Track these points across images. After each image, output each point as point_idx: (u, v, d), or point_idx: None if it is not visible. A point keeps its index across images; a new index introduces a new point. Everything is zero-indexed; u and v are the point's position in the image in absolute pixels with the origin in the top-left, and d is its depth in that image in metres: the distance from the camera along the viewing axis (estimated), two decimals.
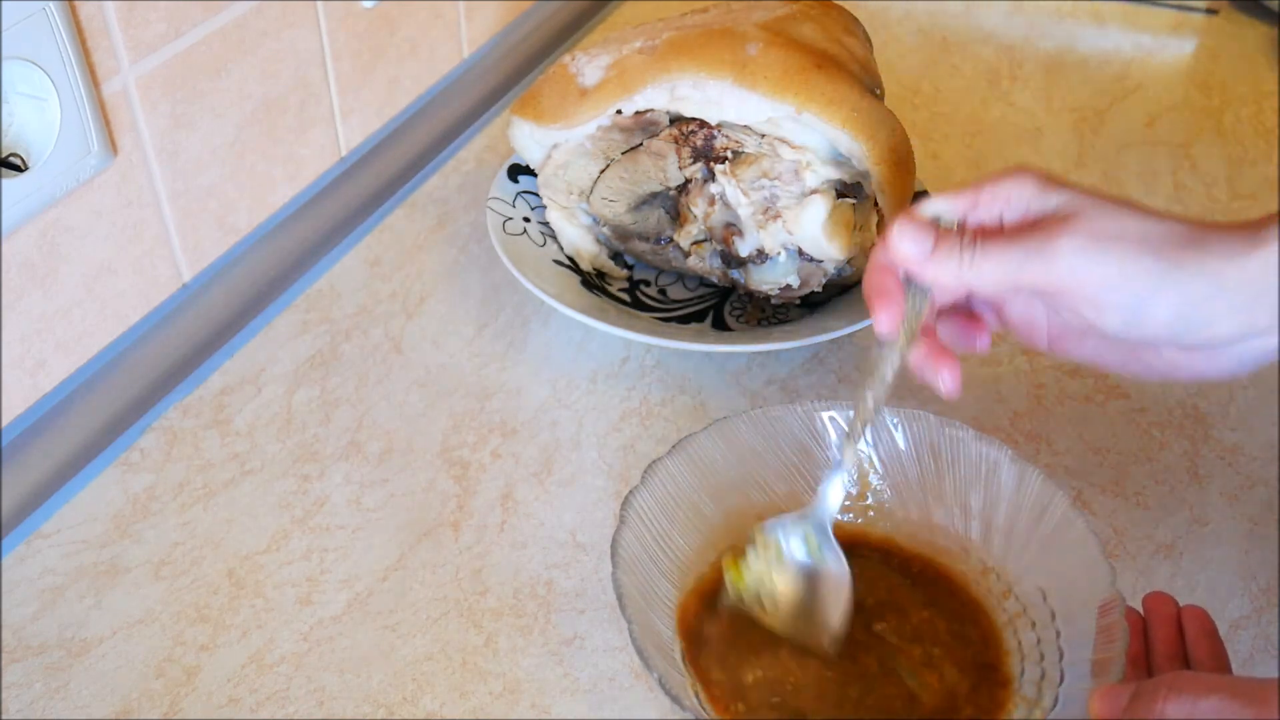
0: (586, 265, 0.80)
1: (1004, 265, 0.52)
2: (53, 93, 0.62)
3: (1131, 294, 0.50)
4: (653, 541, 0.59)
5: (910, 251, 0.54)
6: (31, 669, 0.59)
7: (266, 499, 0.68)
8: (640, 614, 0.55)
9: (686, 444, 0.61)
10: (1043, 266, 0.51)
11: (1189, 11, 1.12)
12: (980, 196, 0.54)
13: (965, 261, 0.53)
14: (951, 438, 0.62)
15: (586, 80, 0.75)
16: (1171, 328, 0.51)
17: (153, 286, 0.74)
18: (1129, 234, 0.50)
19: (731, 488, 0.62)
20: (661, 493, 0.60)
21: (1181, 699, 0.45)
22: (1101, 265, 0.50)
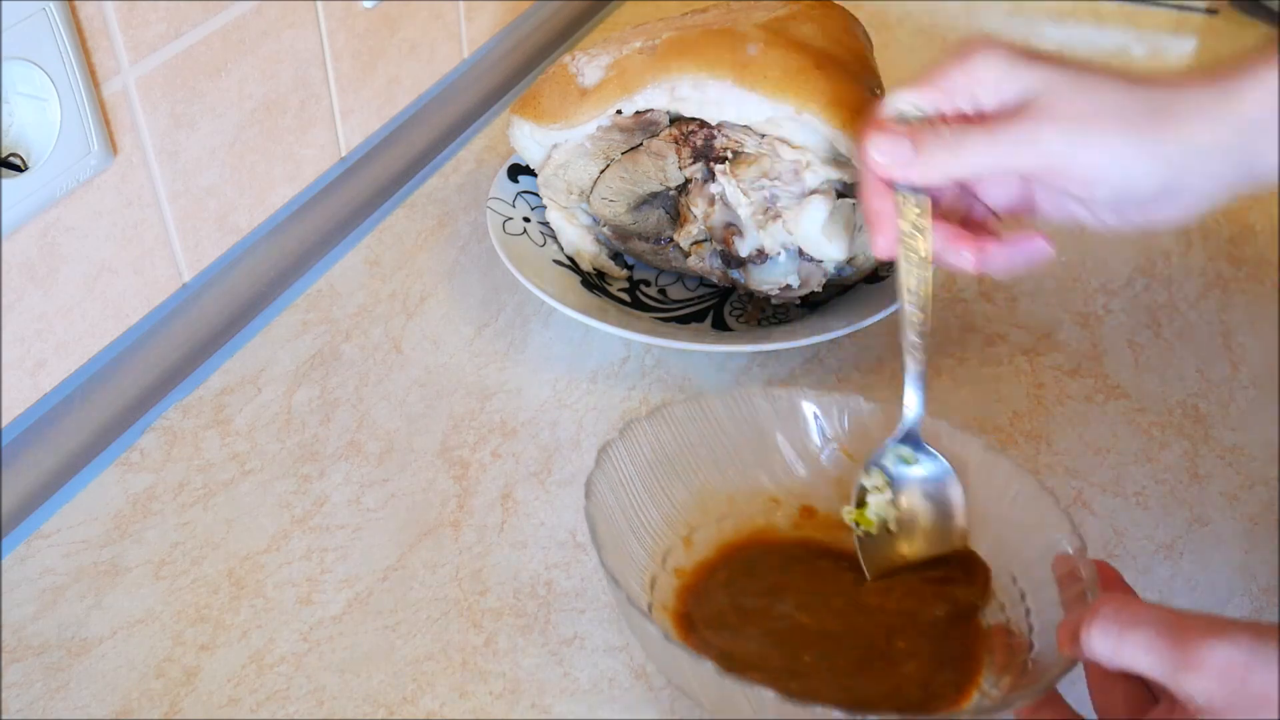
0: (586, 265, 0.80)
1: (990, 157, 0.54)
2: (53, 93, 0.62)
3: (1118, 171, 0.53)
4: (627, 498, 0.59)
5: (890, 160, 0.55)
6: (31, 669, 0.59)
7: (266, 499, 0.68)
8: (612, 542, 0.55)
9: (664, 411, 0.62)
10: (1032, 151, 0.53)
11: (1189, 11, 1.12)
12: (948, 83, 0.55)
13: (950, 158, 0.54)
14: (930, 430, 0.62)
15: (586, 80, 0.75)
16: (1155, 196, 0.53)
17: (153, 286, 0.74)
18: (1107, 110, 0.52)
19: (702, 465, 0.63)
20: (638, 454, 0.61)
21: (1107, 631, 0.46)
22: (1086, 148, 0.52)
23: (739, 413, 0.64)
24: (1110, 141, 0.52)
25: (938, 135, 0.54)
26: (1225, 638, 0.43)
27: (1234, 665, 0.42)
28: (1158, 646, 0.44)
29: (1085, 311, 0.80)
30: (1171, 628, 0.44)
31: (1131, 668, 0.45)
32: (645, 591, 0.58)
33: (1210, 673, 0.42)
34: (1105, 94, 0.53)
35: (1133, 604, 0.46)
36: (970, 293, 0.81)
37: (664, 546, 0.60)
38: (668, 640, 0.50)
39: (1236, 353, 0.77)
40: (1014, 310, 0.80)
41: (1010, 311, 0.80)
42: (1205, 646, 0.43)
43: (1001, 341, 0.77)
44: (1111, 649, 0.46)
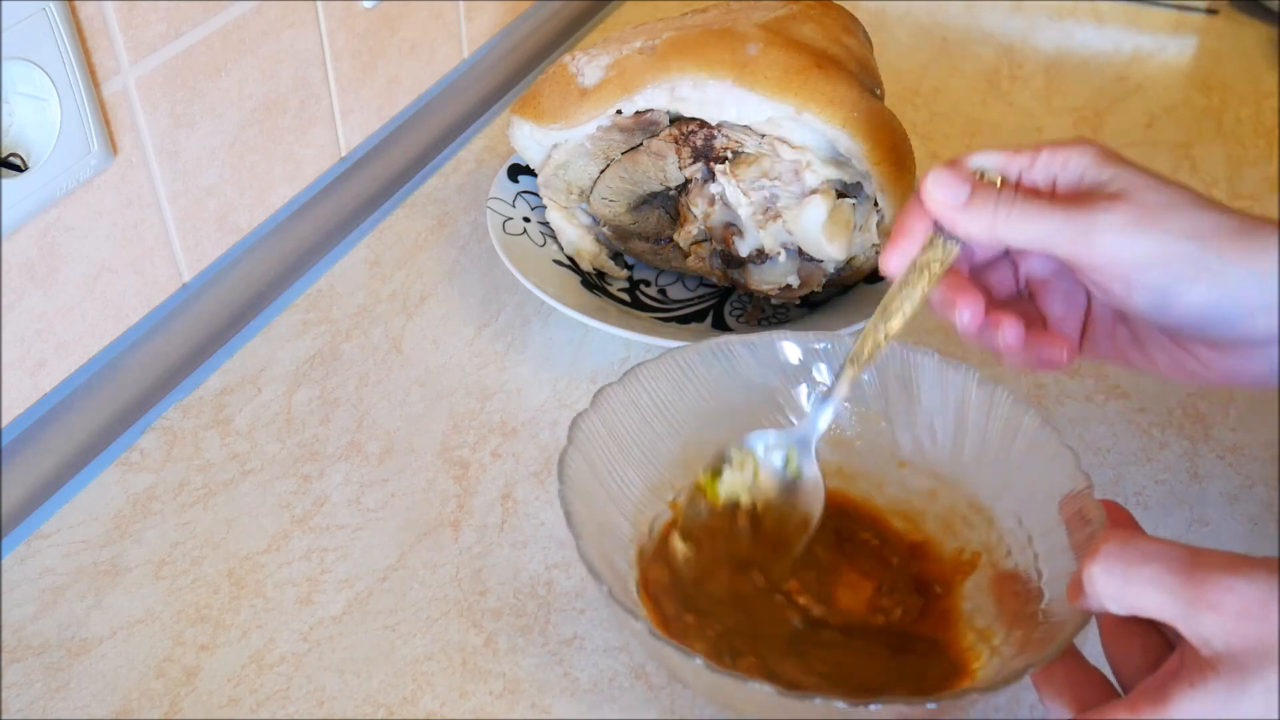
0: (586, 265, 0.80)
1: (1041, 226, 0.50)
2: (53, 93, 0.62)
3: (1164, 275, 0.49)
4: (605, 470, 0.58)
5: (942, 198, 0.52)
6: (31, 669, 0.59)
7: (266, 499, 0.68)
8: (590, 531, 0.54)
9: (637, 372, 0.61)
10: (1080, 236, 0.50)
11: (1189, 11, 1.12)
12: (1039, 158, 0.53)
13: (1000, 216, 0.51)
14: (916, 364, 0.61)
15: (586, 80, 0.75)
16: (1201, 317, 0.49)
17: (153, 286, 0.74)
18: (1176, 219, 0.49)
19: (685, 421, 0.62)
20: (612, 421, 0.59)
21: (1111, 570, 0.43)
22: (1139, 244, 0.49)
23: (718, 364, 0.62)
24: (1168, 244, 0.49)
25: (995, 194, 0.52)
26: (1243, 575, 0.40)
27: (1254, 604, 0.39)
28: (1169, 584, 0.41)
29: None
30: (1184, 564, 0.41)
31: (1140, 608, 0.42)
32: (633, 567, 0.57)
33: (1228, 613, 0.40)
34: (1182, 207, 0.49)
35: (1139, 539, 0.44)
36: None
37: (650, 515, 0.60)
38: (655, 636, 0.49)
39: None
40: None
41: None
42: (1222, 585, 0.40)
43: None
44: (1117, 588, 0.43)
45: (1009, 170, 0.53)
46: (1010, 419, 0.58)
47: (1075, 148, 0.52)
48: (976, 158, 0.54)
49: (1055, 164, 0.52)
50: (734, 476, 0.59)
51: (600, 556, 0.53)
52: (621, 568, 0.56)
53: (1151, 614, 0.42)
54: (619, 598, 0.50)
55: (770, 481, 0.59)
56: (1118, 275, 0.50)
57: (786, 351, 0.63)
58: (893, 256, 0.54)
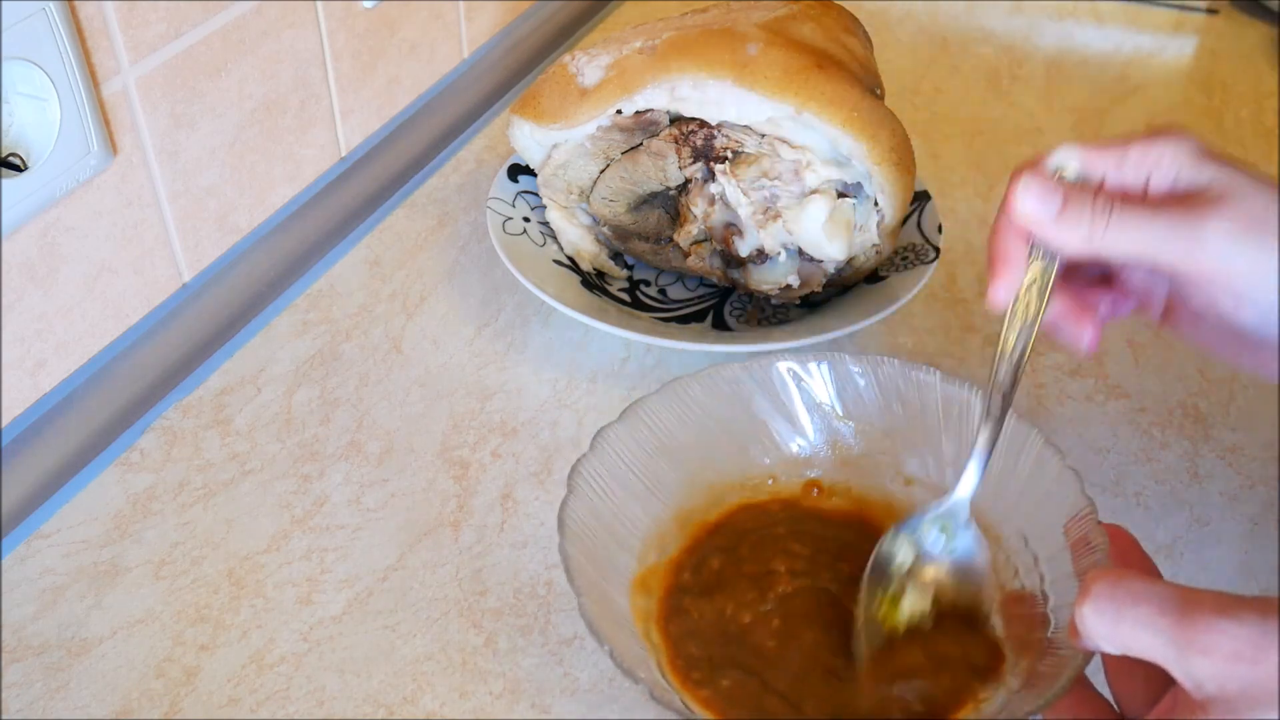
0: (586, 265, 0.80)
1: (1143, 237, 0.47)
2: (53, 93, 0.62)
3: (1276, 291, 0.46)
4: (607, 512, 0.57)
5: (1034, 211, 0.49)
6: (31, 669, 0.59)
7: (266, 499, 0.68)
8: (592, 586, 0.53)
9: (637, 408, 0.60)
10: (1187, 246, 0.47)
11: (1189, 11, 1.12)
12: (1128, 155, 0.49)
13: (1098, 227, 0.48)
14: (919, 382, 0.60)
15: (586, 80, 0.75)
16: None
17: (153, 286, 0.74)
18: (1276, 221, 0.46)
19: (689, 451, 0.61)
20: (613, 460, 0.58)
21: (1102, 611, 0.42)
22: (1251, 255, 0.46)
23: (718, 391, 0.61)
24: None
25: (1092, 201, 0.48)
26: (1234, 617, 0.39)
27: (1246, 647, 0.39)
28: (1160, 626, 0.40)
29: None
30: (1175, 606, 0.40)
31: (1132, 650, 0.41)
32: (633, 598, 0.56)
33: (1219, 656, 0.39)
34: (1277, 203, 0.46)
35: (1130, 579, 0.42)
36: (970, 293, 0.81)
37: (656, 545, 0.59)
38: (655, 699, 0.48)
39: None
40: None
41: None
42: (1214, 628, 0.39)
43: (1000, 341, 0.77)
44: (1108, 629, 0.42)
45: (1094, 169, 0.50)
46: (1015, 439, 0.57)
47: (1170, 141, 0.49)
48: (1057, 156, 0.50)
49: (1148, 162, 0.49)
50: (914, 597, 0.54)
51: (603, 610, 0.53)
52: (622, 607, 0.55)
53: (1144, 655, 0.41)
54: (619, 661, 0.49)
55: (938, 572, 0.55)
56: (1227, 287, 0.47)
57: (784, 374, 0.62)
58: (998, 288, 0.51)
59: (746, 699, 0.53)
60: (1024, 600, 0.54)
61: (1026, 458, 0.57)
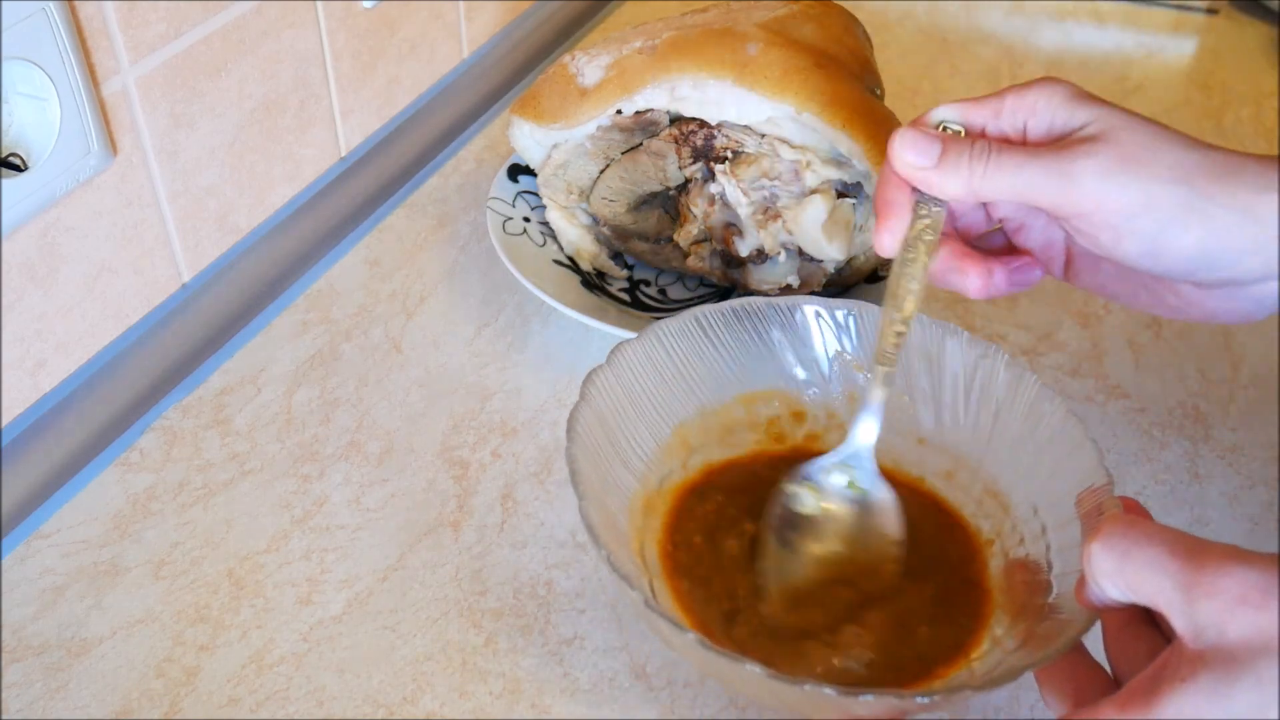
0: (586, 265, 0.80)
1: (1021, 177, 0.49)
2: (53, 93, 0.62)
3: (1154, 222, 0.47)
4: (615, 427, 0.57)
5: (912, 160, 0.51)
6: (31, 669, 0.59)
7: (266, 499, 0.68)
8: (594, 496, 0.53)
9: (656, 329, 0.59)
10: (1062, 184, 0.48)
11: (1189, 11, 1.12)
12: (1004, 105, 0.51)
13: (976, 172, 0.49)
14: (943, 341, 0.59)
15: (586, 80, 0.75)
16: (1192, 262, 0.48)
17: (153, 286, 0.74)
18: (1159, 160, 0.47)
19: (702, 382, 0.61)
20: (627, 377, 0.58)
21: (1112, 548, 0.42)
22: (1125, 191, 0.47)
23: (739, 326, 0.61)
24: (1154, 188, 0.47)
25: (968, 147, 0.50)
26: (1245, 562, 0.39)
27: (1254, 591, 0.38)
28: (1168, 568, 0.40)
29: (1085, 311, 0.80)
30: (1186, 550, 0.40)
31: (1137, 590, 0.41)
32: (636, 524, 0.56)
33: (1226, 598, 0.38)
34: (1164, 147, 0.48)
35: (1143, 523, 0.42)
36: None
37: (660, 473, 0.59)
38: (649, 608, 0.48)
39: (1236, 353, 0.77)
40: (1014, 310, 0.80)
41: (1010, 311, 0.80)
42: (1222, 570, 0.39)
43: (1001, 341, 0.77)
44: (1115, 567, 0.42)
45: (973, 121, 0.52)
46: (1035, 406, 0.57)
47: (1041, 88, 0.51)
48: (938, 111, 0.52)
49: (1023, 109, 0.51)
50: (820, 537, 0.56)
51: (603, 521, 0.52)
52: (624, 528, 0.55)
53: (1148, 598, 0.41)
54: (616, 564, 0.49)
55: (840, 509, 0.56)
56: (1105, 223, 0.48)
57: (809, 317, 0.61)
58: (885, 235, 0.53)
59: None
60: (1027, 567, 0.54)
61: (1046, 426, 0.56)
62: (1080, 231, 0.50)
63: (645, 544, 0.57)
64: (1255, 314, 0.50)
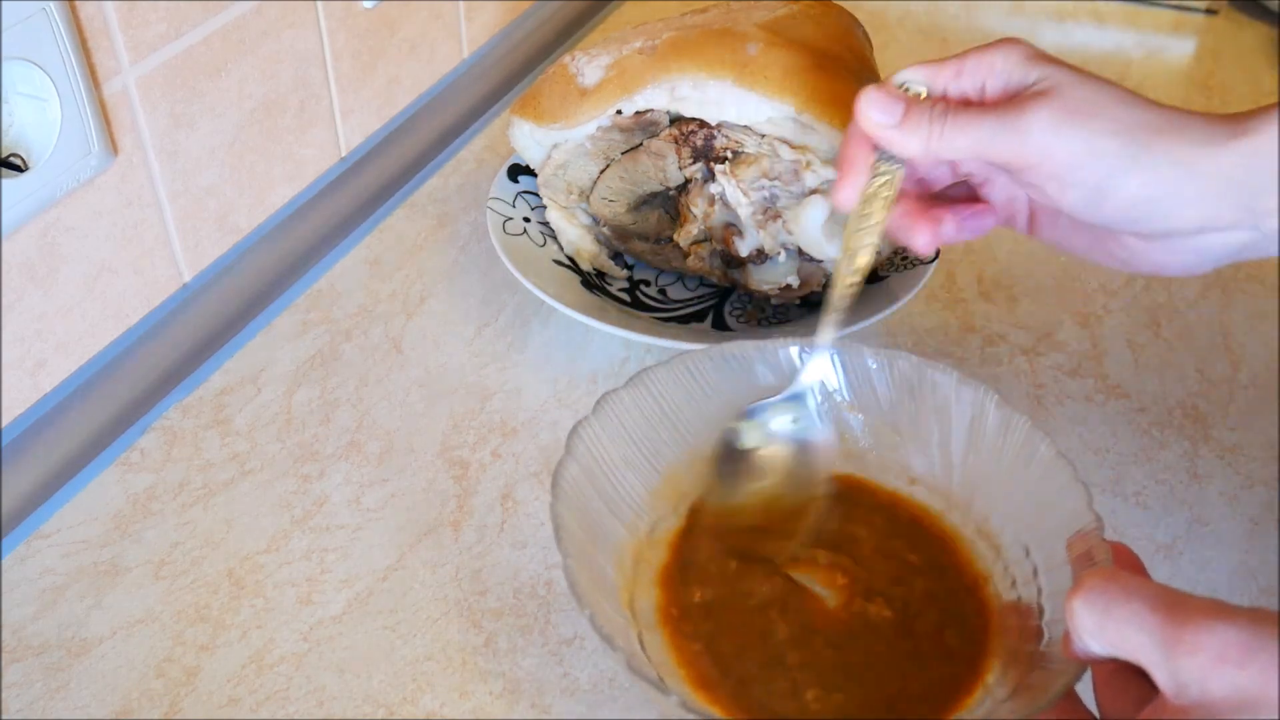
0: (586, 265, 0.81)
1: (974, 135, 0.52)
2: (53, 93, 0.62)
3: (1096, 173, 0.50)
4: (603, 478, 0.57)
5: (877, 119, 0.53)
6: (31, 669, 0.59)
7: (266, 499, 0.68)
8: (580, 551, 0.53)
9: (644, 377, 0.60)
10: (1012, 138, 0.51)
11: (1189, 11, 1.12)
12: (964, 66, 0.54)
13: (935, 132, 0.52)
14: (933, 381, 0.60)
15: (586, 80, 0.75)
16: (1133, 212, 0.50)
17: (153, 286, 0.74)
18: (1104, 113, 0.50)
19: (692, 426, 0.61)
20: (615, 426, 0.58)
21: (1093, 604, 0.42)
22: (1069, 141, 0.50)
23: (729, 369, 0.61)
24: (1097, 139, 0.50)
25: (928, 109, 0.53)
26: (1226, 619, 0.39)
27: (1234, 649, 0.38)
28: (1149, 624, 0.40)
29: (1085, 311, 0.80)
30: (1167, 605, 0.40)
31: (1119, 647, 0.41)
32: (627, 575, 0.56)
33: (1206, 655, 0.38)
34: (1110, 101, 0.50)
35: (1124, 577, 0.42)
36: (970, 293, 0.81)
37: (650, 520, 0.59)
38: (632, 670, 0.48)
39: (1236, 353, 0.77)
40: (1014, 310, 0.80)
41: (1010, 311, 0.80)
42: (1203, 627, 0.39)
43: (1001, 341, 0.77)
44: (1096, 623, 0.41)
45: (936, 83, 0.54)
46: (1025, 446, 0.57)
47: (1000, 49, 0.53)
48: (902, 74, 0.54)
49: (982, 70, 0.53)
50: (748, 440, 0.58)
51: (590, 576, 0.52)
52: (612, 580, 0.55)
53: (1130, 654, 0.41)
54: (598, 626, 0.49)
55: (780, 445, 0.59)
56: (1051, 173, 0.51)
57: (796, 359, 0.62)
58: (843, 189, 0.55)
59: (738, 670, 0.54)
60: (1020, 611, 0.54)
61: (1036, 466, 0.56)
62: (1031, 185, 0.53)
63: (636, 595, 0.56)
64: (1198, 266, 0.52)
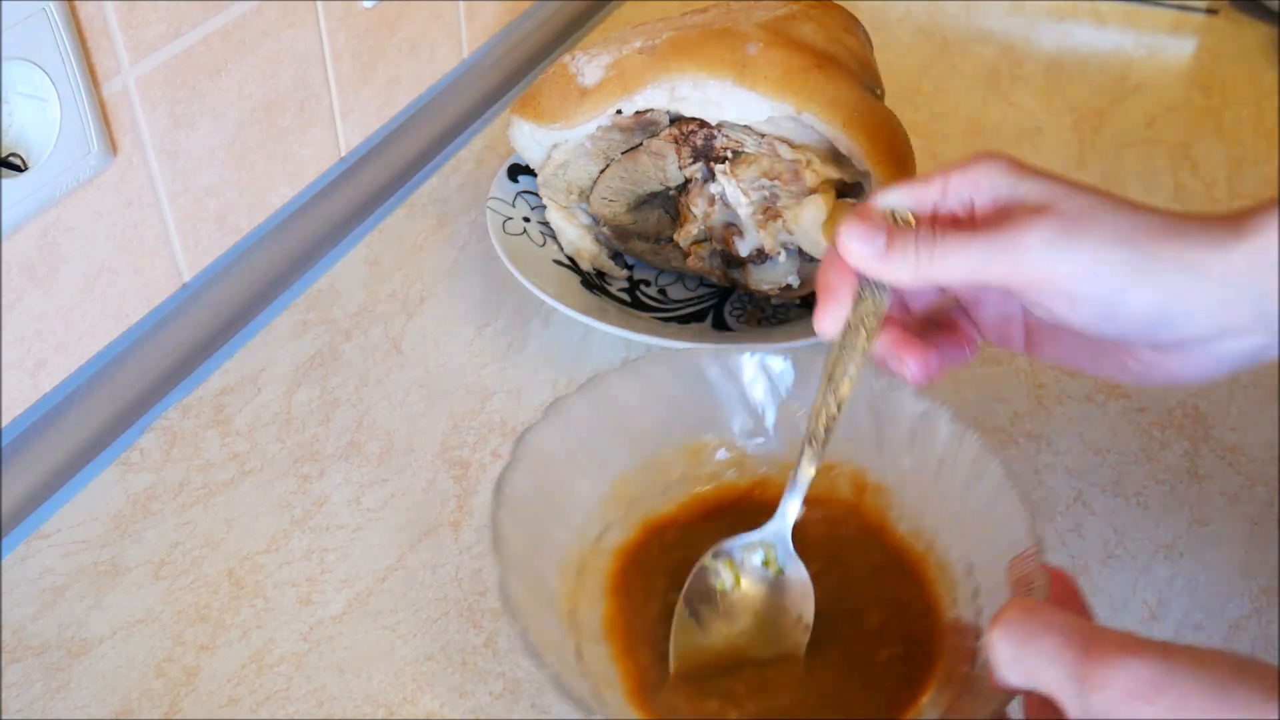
0: (586, 265, 0.81)
1: (968, 259, 0.49)
2: (53, 93, 0.62)
3: (1105, 287, 0.47)
4: (551, 484, 0.56)
5: (861, 251, 0.50)
6: (31, 669, 0.59)
7: (266, 499, 0.68)
8: (521, 562, 0.52)
9: (599, 383, 0.58)
10: (1010, 260, 0.48)
11: (1189, 11, 1.12)
12: (949, 184, 0.51)
13: (924, 258, 0.49)
14: (889, 396, 0.59)
15: (586, 80, 0.75)
16: (1147, 323, 0.48)
17: (153, 286, 0.74)
18: (1103, 224, 0.47)
19: (645, 434, 0.59)
20: (565, 432, 0.57)
21: (1010, 637, 0.42)
22: (1073, 257, 0.47)
23: (684, 375, 0.60)
24: (1101, 251, 0.47)
25: (914, 235, 0.50)
26: (1137, 655, 0.39)
27: (1144, 686, 0.38)
28: (1064, 659, 0.40)
29: None
30: (1081, 639, 0.40)
31: (1035, 680, 0.41)
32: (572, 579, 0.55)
33: (1115, 692, 0.38)
34: (1106, 211, 0.48)
35: (1043, 611, 0.42)
36: None
37: (598, 528, 0.58)
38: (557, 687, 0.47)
39: None
40: None
41: None
42: (1115, 663, 0.39)
43: None
44: (1013, 656, 0.41)
45: (921, 203, 0.51)
46: (975, 465, 0.56)
47: (982, 165, 0.50)
48: (884, 198, 0.52)
49: (966, 187, 0.51)
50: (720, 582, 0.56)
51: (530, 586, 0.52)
52: (554, 587, 0.54)
53: (1045, 687, 0.41)
54: (531, 645, 0.48)
55: (754, 587, 0.56)
56: (1058, 291, 0.48)
57: (751, 365, 0.60)
58: (824, 319, 0.52)
59: None
60: (959, 631, 0.54)
61: (984, 487, 0.55)
62: (1035, 304, 0.50)
63: (578, 604, 0.55)
64: (1215, 373, 0.50)
